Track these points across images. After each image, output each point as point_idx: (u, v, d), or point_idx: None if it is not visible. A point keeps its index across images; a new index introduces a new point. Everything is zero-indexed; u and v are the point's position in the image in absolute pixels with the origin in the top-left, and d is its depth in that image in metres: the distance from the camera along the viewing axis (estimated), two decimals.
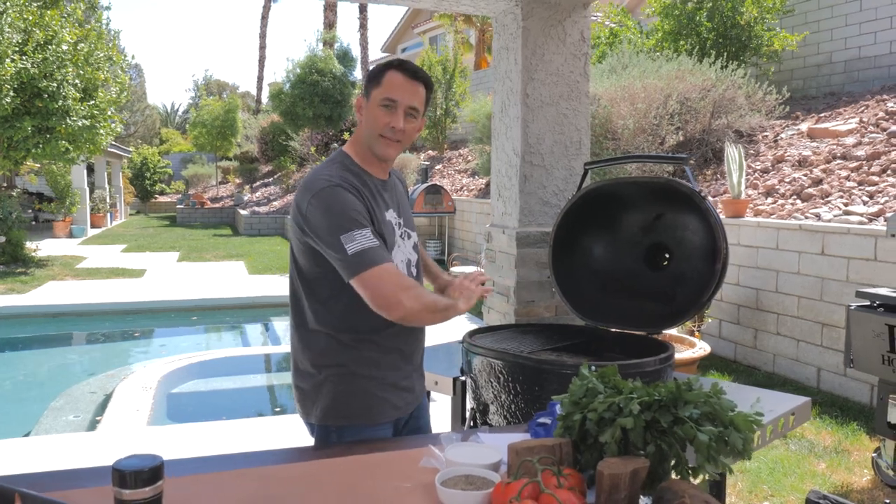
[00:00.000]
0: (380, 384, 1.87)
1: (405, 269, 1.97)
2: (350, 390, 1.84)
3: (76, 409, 5.51)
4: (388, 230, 1.90)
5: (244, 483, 1.15)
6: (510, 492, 0.99)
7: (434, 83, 10.90)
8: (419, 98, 1.90)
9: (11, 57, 9.56)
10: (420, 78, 1.91)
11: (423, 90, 1.91)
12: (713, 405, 1.07)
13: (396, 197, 2.02)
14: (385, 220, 1.91)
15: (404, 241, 1.99)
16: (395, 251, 1.92)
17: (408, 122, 1.88)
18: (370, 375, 1.86)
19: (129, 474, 0.87)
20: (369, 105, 1.90)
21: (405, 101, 1.86)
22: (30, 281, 10.28)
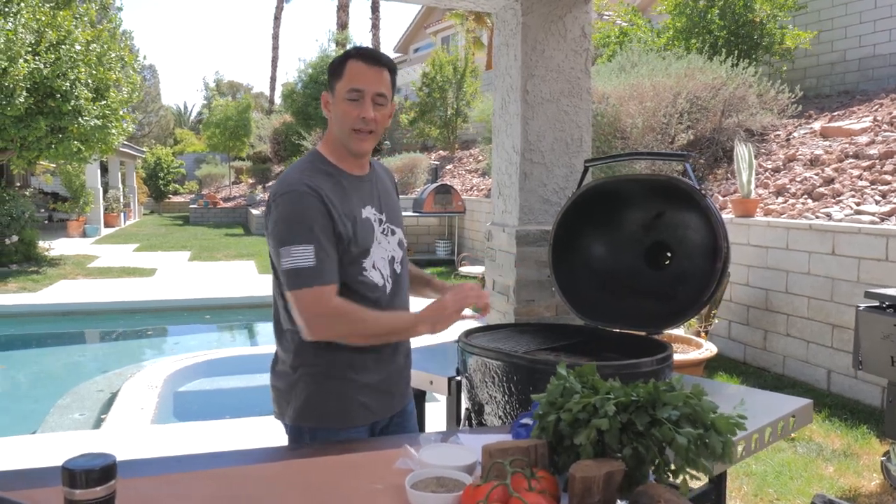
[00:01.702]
0: (354, 386, 1.82)
1: (387, 266, 1.91)
2: (323, 391, 1.80)
3: (82, 408, 5.53)
4: (364, 228, 1.85)
5: (210, 484, 1.13)
6: (478, 495, 0.96)
7: (446, 85, 10.83)
8: (385, 83, 1.83)
9: (24, 57, 9.63)
10: (383, 62, 1.84)
11: (388, 74, 1.85)
12: (693, 406, 1.03)
13: (378, 191, 1.96)
14: (361, 217, 1.85)
15: (387, 238, 1.93)
16: (374, 248, 1.87)
17: (377, 110, 1.82)
18: (343, 377, 1.81)
19: (80, 473, 0.84)
20: (335, 100, 1.84)
21: (371, 89, 1.79)
22: (42, 280, 10.36)
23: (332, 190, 1.80)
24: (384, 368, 1.90)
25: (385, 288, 1.89)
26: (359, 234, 1.82)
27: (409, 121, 18.45)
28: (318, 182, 1.78)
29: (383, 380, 1.90)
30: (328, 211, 1.75)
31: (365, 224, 1.85)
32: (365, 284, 1.85)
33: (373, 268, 1.87)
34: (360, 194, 1.88)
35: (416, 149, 18.42)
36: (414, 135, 18.67)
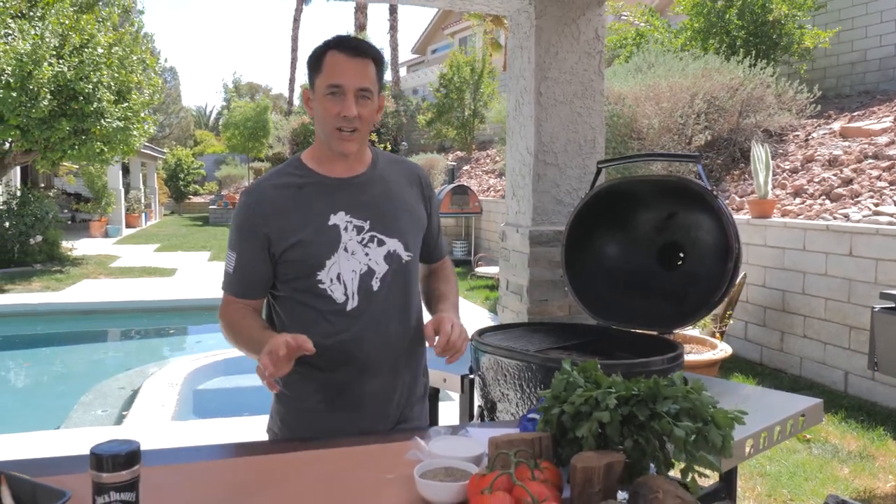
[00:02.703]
0: (328, 407, 1.69)
1: (356, 280, 1.68)
2: (295, 420, 1.72)
3: (105, 404, 5.64)
4: (322, 236, 1.67)
5: (228, 472, 1.18)
6: (483, 483, 1.00)
7: (464, 86, 10.77)
8: (368, 77, 1.65)
9: (49, 61, 9.81)
10: (365, 53, 1.66)
11: (372, 66, 1.66)
12: (692, 401, 1.06)
13: (369, 195, 1.74)
14: (323, 224, 1.67)
15: (365, 248, 1.70)
16: (336, 259, 1.67)
17: (361, 105, 1.64)
18: (310, 408, 1.70)
19: (106, 458, 0.89)
20: (315, 97, 1.68)
21: (353, 84, 1.62)
22: (65, 279, 10.54)
23: (284, 200, 1.68)
24: (367, 381, 1.71)
25: (346, 304, 1.68)
26: (312, 245, 1.66)
27: (426, 122, 18.51)
28: (269, 193, 1.69)
29: (361, 396, 1.70)
30: (259, 225, 1.66)
31: (327, 233, 1.67)
32: (320, 298, 1.68)
33: (334, 281, 1.67)
34: (331, 200, 1.70)
35: (433, 150, 18.48)
36: (431, 136, 18.73)
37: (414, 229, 1.80)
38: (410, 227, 1.78)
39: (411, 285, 1.81)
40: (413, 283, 1.82)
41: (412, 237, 1.78)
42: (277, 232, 1.66)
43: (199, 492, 1.11)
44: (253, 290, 1.73)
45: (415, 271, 1.82)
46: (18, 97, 9.48)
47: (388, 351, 1.74)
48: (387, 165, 1.83)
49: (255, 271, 1.70)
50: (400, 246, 1.74)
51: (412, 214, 1.80)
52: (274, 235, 1.67)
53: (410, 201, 1.81)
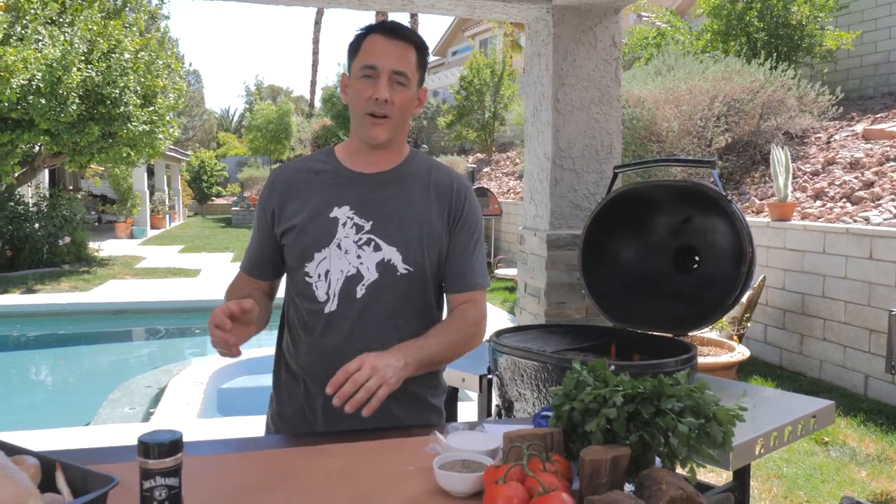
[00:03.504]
0: (311, 415, 1.63)
1: (341, 280, 1.58)
2: (281, 423, 1.70)
3: (132, 402, 5.78)
4: (318, 228, 1.59)
5: (253, 464, 1.26)
6: (498, 474, 1.07)
7: (484, 88, 10.67)
8: (407, 61, 1.55)
9: (78, 66, 10.03)
10: (405, 37, 1.57)
11: (414, 51, 1.57)
12: (695, 399, 1.12)
13: (384, 196, 1.62)
14: (324, 216, 1.59)
15: (359, 250, 1.58)
16: (326, 255, 1.58)
17: (395, 91, 1.53)
18: (290, 416, 1.67)
19: (153, 446, 0.98)
20: (351, 80, 1.59)
21: (388, 66, 1.52)
22: (92, 279, 10.76)
23: (298, 183, 1.64)
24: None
25: (325, 306, 1.58)
26: (305, 232, 1.59)
27: (446, 124, 18.60)
28: (289, 174, 1.67)
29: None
30: (270, 203, 1.65)
31: (323, 224, 1.59)
32: (304, 295, 1.61)
33: (321, 277, 1.59)
34: (342, 191, 1.61)
35: (453, 152, 18.57)
36: (451, 138, 18.82)
37: (423, 242, 1.60)
38: (418, 240, 1.60)
39: (409, 302, 1.61)
40: (411, 301, 1.62)
41: (418, 251, 1.60)
42: (279, 211, 1.63)
43: (230, 480, 1.19)
44: (258, 268, 1.70)
45: (421, 288, 1.63)
46: (48, 102, 9.71)
47: None
48: (420, 169, 1.67)
49: (263, 249, 1.68)
50: (398, 256, 1.58)
51: (424, 226, 1.61)
52: (277, 214, 1.64)
53: (429, 212, 1.63)
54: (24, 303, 9.00)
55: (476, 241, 1.70)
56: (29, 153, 11.52)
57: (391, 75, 1.53)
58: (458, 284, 1.67)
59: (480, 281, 1.69)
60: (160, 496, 0.98)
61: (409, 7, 3.07)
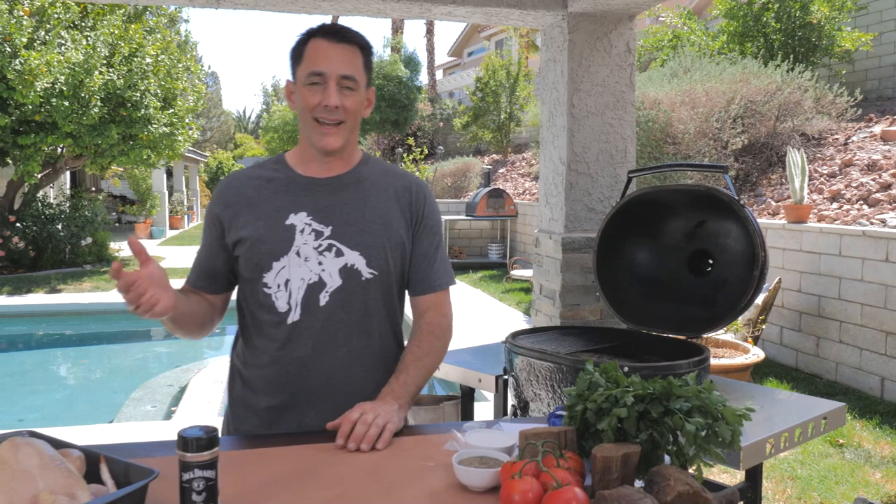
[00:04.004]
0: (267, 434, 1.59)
1: (302, 289, 1.54)
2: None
3: (154, 400, 5.90)
4: (274, 235, 1.55)
5: (278, 460, 1.33)
6: (514, 470, 1.13)
7: (500, 89, 10.64)
8: (354, 64, 1.52)
9: (99, 69, 10.20)
10: (349, 39, 1.53)
11: (360, 53, 1.54)
12: (703, 399, 1.18)
13: (342, 200, 1.59)
14: (279, 223, 1.55)
15: (320, 256, 1.55)
16: (284, 264, 1.54)
17: (345, 96, 1.51)
18: (248, 431, 1.62)
19: (191, 440, 1.05)
20: (297, 87, 1.55)
21: (335, 71, 1.49)
22: (113, 280, 10.91)
23: (249, 192, 1.60)
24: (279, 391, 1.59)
25: (287, 316, 1.55)
26: (261, 242, 1.55)
27: (462, 125, 18.67)
28: (239, 182, 1.62)
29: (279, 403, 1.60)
30: (219, 213, 1.60)
31: (280, 232, 1.55)
32: (263, 307, 1.57)
33: (280, 287, 1.55)
34: (296, 198, 1.58)
35: (469, 153, 18.63)
36: (467, 139, 18.88)
37: (385, 246, 1.59)
38: (380, 243, 1.59)
39: (374, 307, 1.60)
40: (378, 305, 1.61)
41: (381, 254, 1.58)
42: (231, 222, 1.58)
43: (260, 474, 1.26)
44: (208, 279, 1.63)
45: (385, 292, 1.62)
46: (71, 105, 9.88)
47: (335, 379, 1.56)
48: (375, 172, 1.66)
49: (212, 260, 1.61)
50: (361, 261, 1.56)
51: (386, 230, 1.60)
52: (227, 224, 1.58)
53: (389, 215, 1.62)
54: (48, 302, 9.17)
55: (438, 241, 1.71)
56: (51, 155, 11.72)
57: (339, 80, 1.50)
58: (424, 287, 1.68)
59: (446, 281, 1.71)
60: (198, 487, 1.05)
61: (427, 15, 3.14)
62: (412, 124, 21.08)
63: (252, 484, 1.22)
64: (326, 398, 1.56)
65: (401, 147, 19.45)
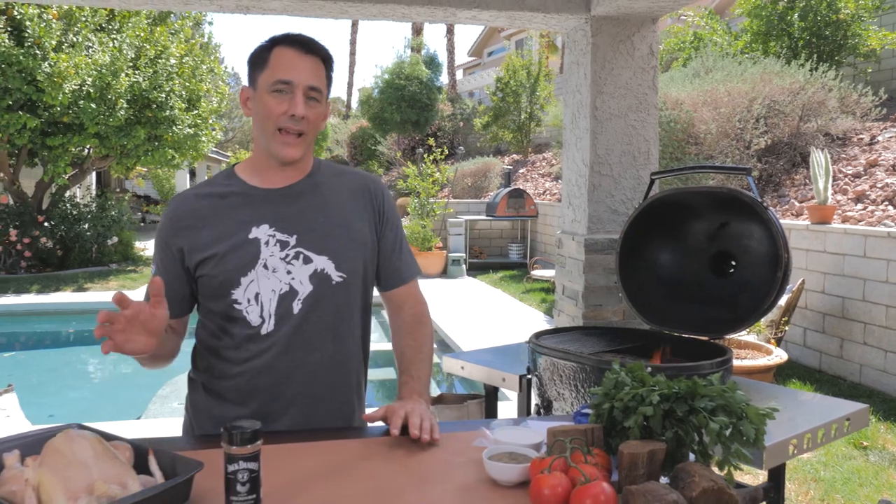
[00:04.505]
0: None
1: (274, 300, 1.54)
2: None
3: (180, 397, 6.00)
4: (239, 251, 1.53)
5: (312, 455, 1.38)
6: (543, 465, 1.17)
7: (520, 89, 10.62)
8: (319, 76, 1.53)
9: (126, 71, 10.38)
10: (317, 51, 1.54)
11: (323, 66, 1.55)
12: (727, 399, 1.21)
13: (302, 207, 1.59)
14: (242, 238, 1.54)
15: (287, 265, 1.54)
16: (255, 275, 1.53)
17: (310, 107, 1.51)
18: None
19: (235, 434, 1.10)
20: (257, 95, 1.53)
21: (303, 81, 1.49)
22: (138, 278, 11.10)
23: (203, 211, 1.57)
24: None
25: (261, 327, 1.54)
26: (226, 260, 1.53)
27: (482, 125, 18.70)
28: (190, 203, 1.59)
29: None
30: (173, 236, 1.57)
31: (244, 247, 1.54)
32: (234, 322, 1.55)
33: (251, 301, 1.54)
34: (255, 211, 1.56)
35: (489, 153, 18.66)
36: (487, 139, 18.91)
37: (351, 247, 1.60)
38: (346, 246, 1.60)
39: (346, 310, 1.61)
40: (350, 308, 1.62)
41: (348, 256, 1.59)
42: (190, 244, 1.55)
43: (298, 467, 1.32)
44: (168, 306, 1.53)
45: (355, 294, 1.62)
46: (98, 107, 10.06)
47: (308, 385, 1.57)
48: (329, 176, 1.67)
49: (170, 286, 1.52)
50: (330, 265, 1.56)
51: (350, 231, 1.61)
52: (187, 247, 1.55)
53: (351, 217, 1.63)
54: (76, 300, 9.35)
55: (401, 233, 1.74)
56: (78, 156, 11.93)
57: (306, 91, 1.50)
58: (396, 280, 1.72)
59: (414, 271, 1.75)
60: (243, 479, 1.10)
61: (452, 19, 3.18)
62: (432, 124, 21.15)
63: (290, 477, 1.27)
64: (299, 403, 1.57)
65: (421, 147, 19.52)
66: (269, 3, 2.95)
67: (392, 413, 1.48)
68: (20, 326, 8.63)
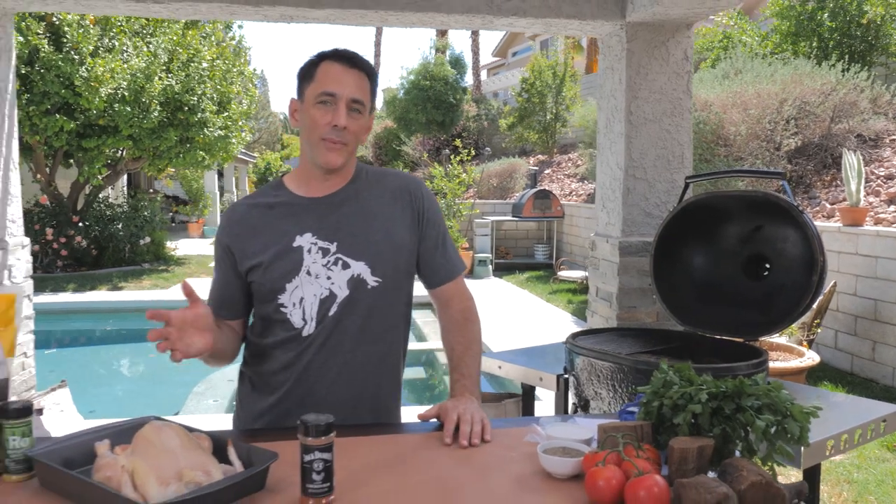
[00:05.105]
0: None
1: (315, 305, 1.63)
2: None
3: (216, 394, 6.14)
4: (284, 259, 1.63)
5: (372, 448, 1.46)
6: (597, 458, 1.24)
7: (546, 90, 10.65)
8: (363, 89, 1.61)
9: (159, 75, 10.59)
10: (361, 66, 1.63)
11: (367, 80, 1.63)
12: (772, 398, 1.27)
13: (341, 215, 1.67)
14: (287, 247, 1.64)
15: (328, 271, 1.63)
16: (297, 283, 1.63)
17: (352, 118, 1.59)
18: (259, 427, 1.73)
19: (312, 426, 1.19)
20: (304, 106, 1.62)
21: (346, 94, 1.58)
22: (171, 277, 11.31)
23: (253, 220, 1.68)
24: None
25: (303, 329, 1.64)
26: (272, 268, 1.63)
27: (507, 125, 18.74)
28: (242, 212, 1.70)
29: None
30: (228, 244, 1.68)
31: (289, 255, 1.64)
32: (280, 323, 1.66)
33: (296, 305, 1.64)
34: (300, 220, 1.66)
35: (514, 153, 18.69)
36: (512, 139, 18.94)
37: (389, 250, 1.68)
38: (383, 249, 1.67)
39: (381, 312, 1.68)
40: (385, 310, 1.69)
41: (385, 260, 1.67)
42: (241, 252, 1.65)
43: (361, 461, 1.40)
44: (225, 309, 1.69)
45: (391, 295, 1.69)
46: (132, 110, 10.28)
47: (338, 384, 1.66)
48: (370, 182, 1.74)
49: (228, 289, 1.69)
50: (366, 270, 1.64)
51: (388, 234, 1.68)
52: (238, 255, 1.66)
53: (390, 221, 1.70)
54: (112, 299, 9.57)
55: (444, 231, 1.79)
56: (112, 157, 12.18)
57: (349, 103, 1.58)
58: (442, 277, 1.78)
59: (459, 267, 1.82)
60: (318, 468, 1.19)
61: (489, 26, 3.26)
62: (457, 125, 21.22)
63: (355, 468, 1.36)
64: (338, 401, 1.64)
65: (447, 148, 19.61)
66: (313, 12, 3.04)
67: (445, 415, 1.55)
68: (58, 325, 8.85)
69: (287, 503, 1.22)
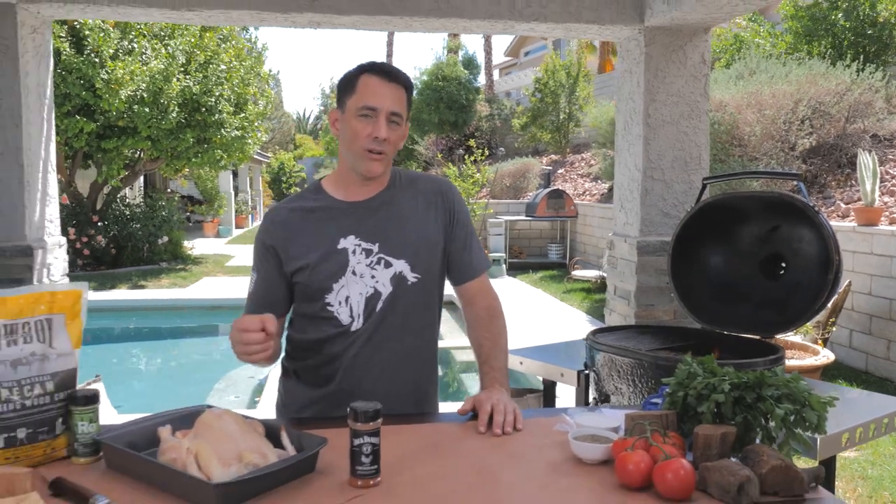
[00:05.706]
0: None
1: (362, 302, 1.73)
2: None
3: (237, 391, 6.26)
4: (331, 262, 1.73)
5: (413, 435, 1.56)
6: (625, 444, 1.33)
7: (559, 90, 10.69)
8: (400, 102, 1.71)
9: (177, 76, 10.74)
10: (399, 79, 1.72)
11: (404, 93, 1.73)
12: (791, 388, 1.35)
13: (380, 217, 1.77)
14: (334, 249, 1.73)
15: (372, 270, 1.73)
16: (343, 283, 1.72)
17: (391, 129, 1.69)
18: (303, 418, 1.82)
19: (361, 412, 1.28)
20: (345, 117, 1.72)
21: (386, 107, 1.67)
22: (188, 276, 11.47)
23: (295, 224, 1.77)
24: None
25: (351, 325, 1.74)
26: (319, 269, 1.73)
27: (520, 125, 18.79)
28: (283, 215, 1.79)
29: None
30: (272, 245, 1.76)
31: (335, 256, 1.73)
32: (326, 321, 1.75)
33: (342, 304, 1.73)
34: (342, 223, 1.76)
35: (527, 153, 18.75)
36: (526, 139, 19.00)
37: (425, 249, 1.79)
38: (420, 248, 1.78)
39: (420, 307, 1.79)
40: (423, 305, 1.80)
41: (422, 258, 1.78)
42: (284, 253, 1.74)
43: (404, 446, 1.49)
44: (269, 307, 1.75)
45: (428, 292, 1.80)
46: (151, 111, 10.44)
47: (382, 377, 1.75)
48: (404, 186, 1.84)
49: (272, 290, 1.78)
50: (406, 267, 1.75)
51: (423, 234, 1.79)
52: (283, 257, 1.74)
53: (423, 220, 1.81)
54: (132, 298, 9.72)
55: (471, 230, 1.90)
56: (131, 158, 12.36)
57: (389, 116, 1.68)
58: (468, 274, 1.88)
59: (484, 264, 1.92)
60: (367, 451, 1.28)
61: (511, 31, 3.34)
62: (470, 125, 21.29)
63: (399, 453, 1.45)
64: (381, 391, 1.72)
65: (460, 148, 19.68)
66: (340, 18, 3.14)
67: (479, 406, 1.65)
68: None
69: (336, 484, 1.31)
